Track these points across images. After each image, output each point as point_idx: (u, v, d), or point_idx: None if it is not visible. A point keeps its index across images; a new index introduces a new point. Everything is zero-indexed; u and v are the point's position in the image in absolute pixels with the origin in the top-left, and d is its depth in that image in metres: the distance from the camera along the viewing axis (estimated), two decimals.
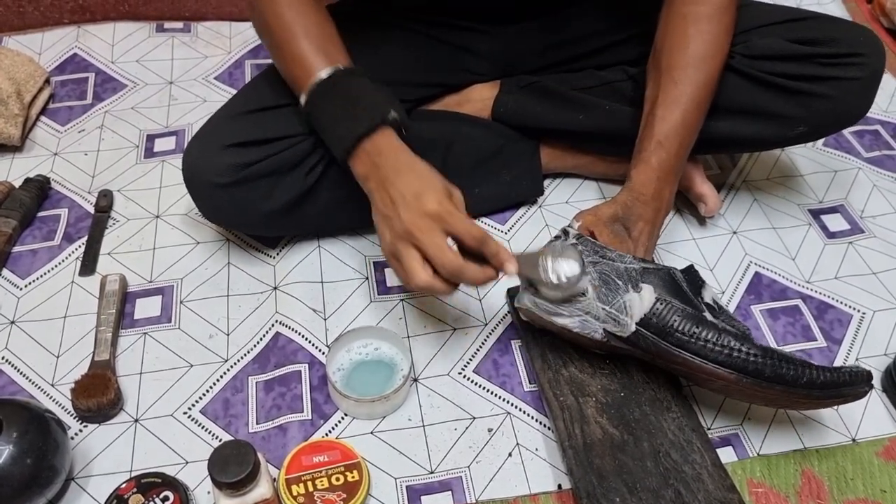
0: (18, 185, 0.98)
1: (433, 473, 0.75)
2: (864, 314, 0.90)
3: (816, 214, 1.02)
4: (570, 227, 0.80)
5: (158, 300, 0.89)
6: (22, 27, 1.24)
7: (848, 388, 0.69)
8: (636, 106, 0.89)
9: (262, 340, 0.85)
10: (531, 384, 0.82)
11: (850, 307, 0.91)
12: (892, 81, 1.22)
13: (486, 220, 0.99)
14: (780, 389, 0.68)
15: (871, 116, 1.14)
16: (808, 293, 0.92)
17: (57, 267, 0.92)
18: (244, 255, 0.94)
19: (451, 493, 0.73)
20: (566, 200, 1.02)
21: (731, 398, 0.79)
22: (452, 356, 0.84)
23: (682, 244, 0.97)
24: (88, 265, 0.91)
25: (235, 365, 0.83)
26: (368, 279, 0.91)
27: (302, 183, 0.83)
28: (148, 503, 0.68)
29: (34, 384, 0.81)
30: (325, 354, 0.83)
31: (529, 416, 0.79)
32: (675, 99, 0.81)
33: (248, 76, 1.18)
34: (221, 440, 0.77)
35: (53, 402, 0.79)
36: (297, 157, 0.82)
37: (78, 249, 0.93)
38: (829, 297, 0.92)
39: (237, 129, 0.82)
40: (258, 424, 0.78)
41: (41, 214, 0.97)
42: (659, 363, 0.74)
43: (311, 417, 0.78)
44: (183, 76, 1.18)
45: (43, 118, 1.11)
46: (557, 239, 0.78)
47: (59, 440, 0.69)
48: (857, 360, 0.85)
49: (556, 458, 0.76)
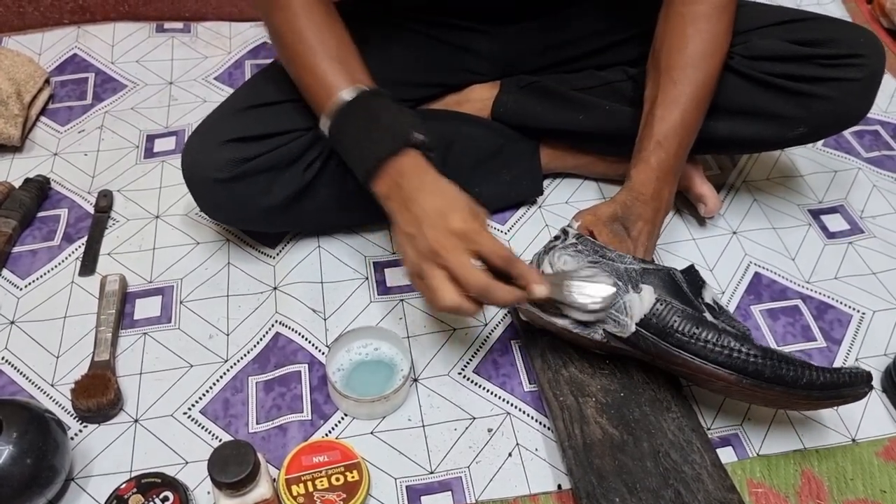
0: (18, 185, 0.98)
1: (433, 473, 0.75)
2: (863, 314, 0.90)
3: (816, 215, 1.02)
4: (569, 226, 0.80)
5: (158, 300, 0.89)
6: (22, 27, 1.24)
7: (848, 389, 0.69)
8: (636, 106, 0.89)
9: (262, 340, 0.85)
10: (531, 384, 0.82)
11: (849, 307, 0.91)
12: (892, 82, 1.22)
13: None
14: (779, 390, 0.68)
15: (870, 117, 1.14)
16: (807, 293, 0.92)
17: (57, 267, 0.92)
18: (244, 255, 0.94)
19: (450, 493, 0.73)
20: (566, 200, 1.02)
21: (730, 398, 0.79)
22: (452, 356, 0.84)
23: (681, 244, 0.97)
24: (88, 265, 0.91)
25: (235, 365, 0.83)
26: (368, 279, 0.91)
27: (300, 178, 0.83)
28: (148, 503, 0.68)
29: (34, 384, 0.81)
30: (325, 354, 0.83)
31: (529, 416, 0.79)
32: (674, 99, 0.81)
33: (247, 76, 1.18)
34: (221, 440, 0.77)
35: (53, 402, 0.79)
36: (295, 152, 0.82)
37: (78, 250, 0.93)
38: (828, 297, 0.92)
39: (236, 124, 0.82)
40: (258, 424, 0.78)
41: (41, 215, 0.97)
42: (659, 364, 0.74)
43: (311, 417, 0.78)
44: (183, 76, 1.18)
45: (43, 118, 1.11)
46: (557, 239, 0.78)
47: (59, 440, 0.69)
48: (856, 360, 0.85)
49: (555, 458, 0.76)
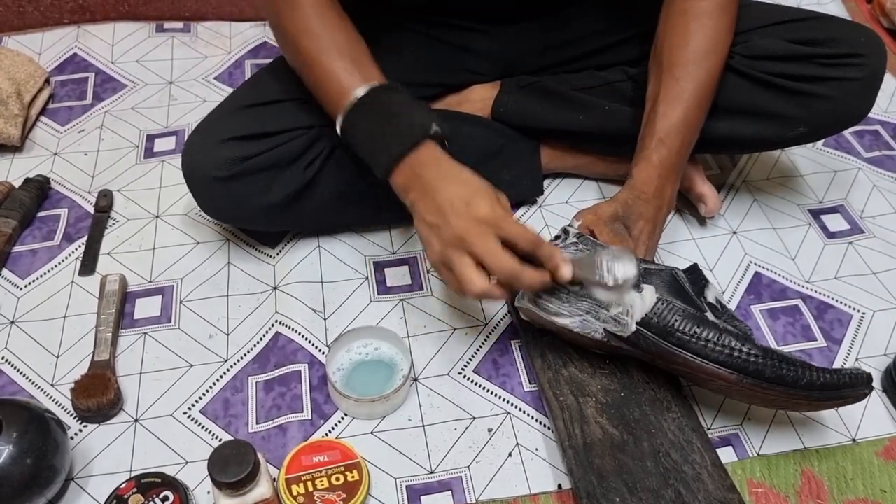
0: (18, 185, 0.98)
1: (433, 473, 0.75)
2: (863, 314, 0.90)
3: (816, 214, 1.02)
4: (570, 226, 0.80)
5: (158, 300, 0.89)
6: (22, 27, 1.24)
7: (848, 390, 0.69)
8: (636, 106, 0.89)
9: (262, 340, 0.85)
10: (531, 384, 0.82)
11: (849, 307, 0.91)
12: (892, 82, 1.22)
13: None
14: (780, 390, 0.68)
15: (871, 116, 1.14)
16: (807, 293, 0.92)
17: (57, 267, 0.92)
18: (244, 255, 0.94)
19: (450, 493, 0.73)
20: (566, 200, 1.02)
21: (731, 398, 0.79)
22: (452, 356, 0.84)
23: (682, 244, 0.97)
24: (88, 265, 0.91)
25: (235, 365, 0.83)
26: (368, 279, 0.91)
27: (301, 177, 0.83)
28: (148, 503, 0.68)
29: (34, 384, 0.81)
30: (324, 354, 0.82)
31: (529, 416, 0.79)
32: (676, 96, 0.81)
33: (247, 76, 1.18)
34: (221, 440, 0.77)
35: (53, 402, 0.79)
36: (295, 151, 0.82)
37: (78, 249, 0.93)
38: (828, 297, 0.92)
39: (236, 123, 0.82)
40: (258, 424, 0.78)
41: (41, 214, 0.97)
42: (659, 363, 0.74)
43: (310, 417, 0.78)
44: (183, 76, 1.18)
45: (43, 118, 1.11)
46: (557, 239, 0.78)
47: (58, 440, 0.69)
48: (856, 360, 0.85)
49: (556, 458, 0.76)
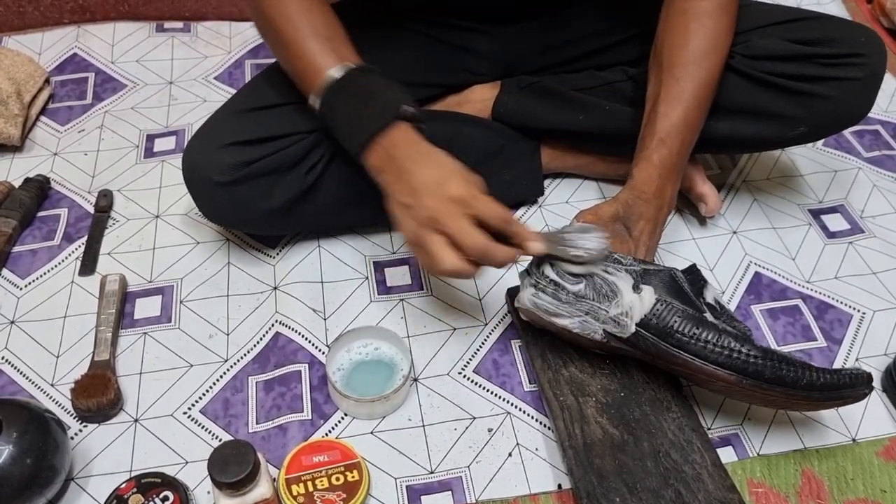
0: (18, 185, 0.98)
1: (433, 473, 0.75)
2: (864, 314, 0.90)
3: (816, 214, 1.02)
4: None
5: (158, 300, 0.89)
6: (22, 27, 1.24)
7: (848, 390, 0.69)
8: (636, 106, 0.89)
9: (262, 340, 0.85)
10: (531, 384, 0.82)
11: (850, 307, 0.91)
12: (892, 82, 1.22)
13: None
14: (780, 391, 0.68)
15: (871, 116, 1.14)
16: (808, 293, 0.92)
17: (57, 267, 0.92)
18: (244, 255, 0.94)
19: (451, 493, 0.73)
20: (566, 200, 1.02)
21: (731, 398, 0.79)
22: (452, 356, 0.84)
23: (682, 244, 0.97)
24: (88, 265, 0.91)
25: (235, 365, 0.83)
26: (368, 279, 0.91)
27: (302, 181, 0.83)
28: (148, 503, 0.68)
29: (34, 384, 0.81)
30: (325, 354, 0.82)
31: (529, 416, 0.79)
32: (676, 96, 0.81)
33: (247, 76, 1.18)
34: (221, 440, 0.77)
35: (53, 402, 0.79)
36: (296, 155, 0.82)
37: (78, 249, 0.93)
38: (829, 297, 0.92)
39: (237, 127, 0.82)
40: (258, 424, 0.78)
41: (41, 214, 0.97)
42: (659, 364, 0.74)
43: (311, 417, 0.78)
44: (183, 76, 1.18)
45: (43, 118, 1.11)
46: None
47: (58, 440, 0.69)
48: (857, 360, 0.85)
49: (556, 458, 0.76)
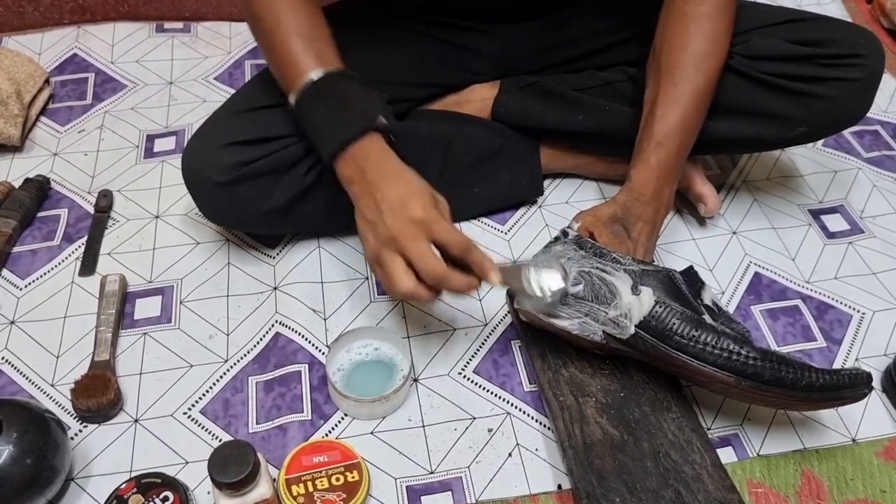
0: (18, 185, 0.98)
1: (433, 474, 0.75)
2: (863, 314, 0.90)
3: (816, 215, 1.02)
4: (569, 227, 0.80)
5: (158, 300, 0.89)
6: (22, 27, 1.24)
7: (848, 390, 0.69)
8: (636, 106, 0.89)
9: (262, 341, 0.85)
10: (531, 384, 0.82)
11: (849, 307, 0.91)
12: (891, 82, 1.22)
13: (485, 220, 0.99)
14: (779, 392, 0.68)
15: (870, 117, 1.14)
16: (807, 293, 0.92)
17: (57, 267, 0.92)
18: (244, 255, 0.94)
19: (451, 493, 0.73)
20: (566, 201, 1.02)
21: (730, 399, 0.79)
22: (452, 356, 0.84)
23: (681, 244, 0.97)
24: (88, 265, 0.91)
25: (235, 365, 0.83)
26: (368, 279, 0.91)
27: (301, 182, 0.83)
28: (148, 503, 0.68)
29: (34, 384, 0.81)
30: (325, 355, 0.83)
31: (529, 416, 0.79)
32: (674, 98, 0.81)
33: (247, 76, 1.18)
34: (221, 440, 0.77)
35: (53, 402, 0.79)
36: (295, 155, 0.82)
37: (78, 250, 0.93)
38: (828, 297, 0.92)
39: (236, 127, 0.82)
40: (258, 424, 0.78)
41: (41, 215, 0.97)
42: (658, 365, 0.74)
43: (311, 418, 0.78)
44: (183, 76, 1.18)
45: (43, 118, 1.11)
46: (557, 240, 0.78)
47: (58, 440, 0.69)
48: (856, 360, 0.85)
49: (556, 458, 0.76)
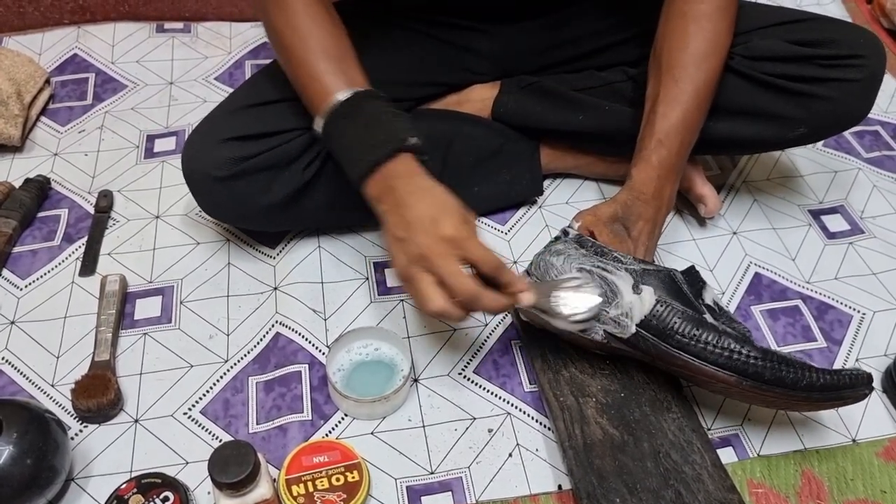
0: (18, 185, 0.98)
1: (433, 474, 0.75)
2: (864, 315, 0.90)
3: (816, 215, 1.02)
4: (569, 227, 0.80)
5: (158, 300, 0.89)
6: (22, 27, 1.24)
7: (848, 390, 0.69)
8: (636, 106, 0.89)
9: (262, 341, 0.85)
10: (531, 385, 0.82)
11: (850, 308, 0.91)
12: (892, 82, 1.22)
13: (485, 220, 0.99)
14: (779, 392, 0.68)
15: (871, 117, 1.14)
16: (808, 294, 0.92)
17: (57, 267, 0.92)
18: (244, 255, 0.94)
19: (451, 493, 0.73)
20: (566, 201, 1.02)
21: (731, 399, 0.79)
22: (452, 357, 0.84)
23: (682, 245, 0.97)
24: (88, 265, 0.91)
25: (236, 365, 0.83)
26: (368, 279, 0.91)
27: (300, 177, 0.83)
28: (148, 503, 0.68)
29: (34, 384, 0.81)
30: (325, 355, 0.82)
31: (529, 416, 0.79)
32: (675, 97, 0.81)
33: (248, 77, 1.18)
34: (221, 440, 0.77)
35: (53, 402, 0.79)
36: (295, 151, 0.82)
37: (78, 250, 0.93)
38: (829, 297, 0.92)
39: (236, 123, 0.82)
40: (258, 425, 0.78)
41: (41, 215, 0.97)
42: (659, 365, 0.74)
43: (311, 418, 0.78)
44: (183, 76, 1.18)
45: (43, 118, 1.11)
46: (557, 240, 0.78)
47: (59, 440, 0.69)
48: (857, 360, 0.85)
49: (556, 458, 0.76)
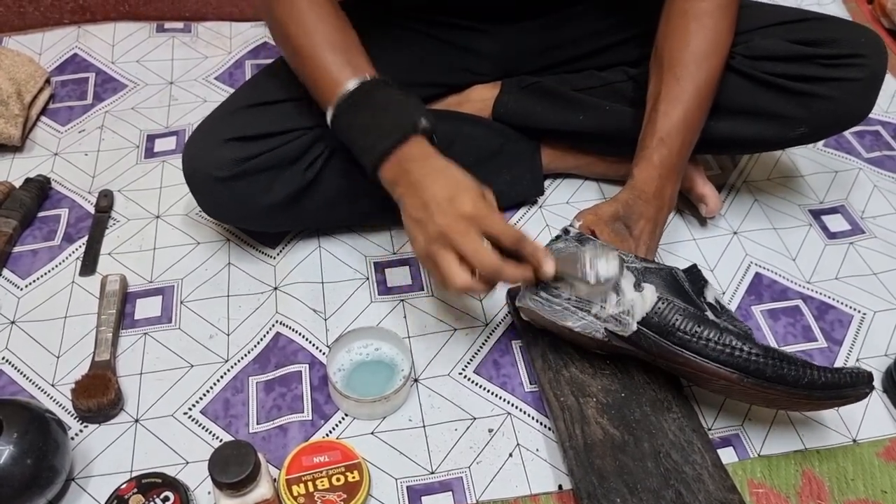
0: (19, 185, 0.98)
1: (434, 474, 0.75)
2: (864, 315, 0.90)
3: (817, 215, 1.02)
4: (570, 226, 0.80)
5: (159, 300, 0.89)
6: (22, 27, 1.24)
7: (849, 389, 0.69)
8: (636, 106, 0.89)
9: (262, 341, 0.85)
10: (532, 384, 0.82)
11: (850, 308, 0.91)
12: (892, 82, 1.22)
13: None
14: (781, 390, 0.68)
15: (871, 117, 1.14)
16: (808, 294, 0.92)
17: (57, 267, 0.92)
18: (244, 255, 0.94)
19: (451, 493, 0.73)
20: (567, 201, 1.02)
21: (731, 398, 0.79)
22: (453, 356, 0.84)
23: (682, 244, 0.97)
24: (89, 265, 0.91)
25: (236, 365, 0.83)
26: (369, 279, 0.91)
27: (301, 177, 0.83)
28: (148, 503, 0.68)
29: (34, 384, 0.81)
30: (325, 355, 0.82)
31: (530, 416, 0.79)
32: (676, 96, 0.81)
33: (248, 76, 1.18)
34: (222, 440, 0.77)
35: (54, 402, 0.79)
36: (296, 151, 0.82)
37: (78, 249, 0.93)
38: (829, 297, 0.91)
39: (237, 123, 0.82)
40: (259, 425, 0.78)
41: (41, 214, 0.97)
42: (660, 363, 0.74)
43: (311, 418, 0.78)
44: (183, 76, 1.18)
45: (43, 118, 1.11)
46: (558, 238, 0.78)
47: (59, 440, 0.69)
48: (857, 360, 0.85)
49: (556, 458, 0.76)
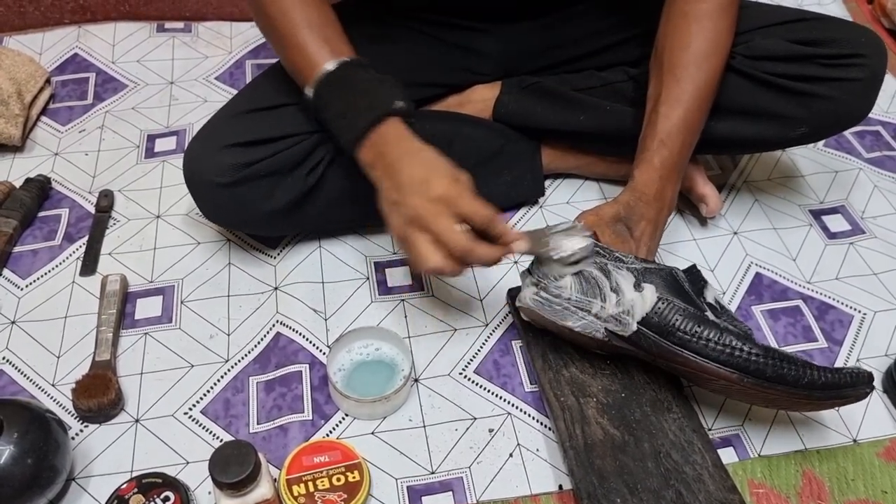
0: (19, 185, 0.98)
1: (434, 474, 0.75)
2: (864, 315, 0.90)
3: (817, 215, 1.02)
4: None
5: (159, 300, 0.89)
6: (23, 27, 1.24)
7: (849, 389, 0.69)
8: (637, 106, 0.89)
9: (262, 341, 0.85)
10: (532, 384, 0.82)
11: (850, 308, 0.91)
12: (892, 82, 1.22)
13: None
14: (781, 390, 0.68)
15: (871, 117, 1.14)
16: (808, 294, 0.92)
17: (58, 267, 0.92)
18: (245, 255, 0.94)
19: (451, 493, 0.73)
20: (567, 201, 1.02)
21: (731, 399, 0.79)
22: (453, 356, 0.84)
23: (682, 245, 0.97)
24: (89, 265, 0.91)
25: (236, 365, 0.83)
26: (369, 279, 0.91)
27: (303, 183, 0.83)
28: (148, 503, 0.68)
29: (35, 384, 0.81)
30: (325, 355, 0.82)
31: (530, 416, 0.79)
32: (677, 97, 0.81)
33: (248, 76, 1.18)
34: (222, 440, 0.77)
35: (54, 402, 0.79)
36: (297, 157, 0.82)
37: (79, 249, 0.93)
38: (829, 297, 0.92)
39: (238, 128, 0.82)
40: (259, 425, 0.78)
41: (42, 214, 0.97)
42: (660, 363, 0.74)
43: (311, 418, 0.78)
44: (183, 76, 1.18)
45: (43, 118, 1.11)
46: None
47: (59, 440, 0.69)
48: (857, 360, 0.85)
49: (556, 458, 0.76)
